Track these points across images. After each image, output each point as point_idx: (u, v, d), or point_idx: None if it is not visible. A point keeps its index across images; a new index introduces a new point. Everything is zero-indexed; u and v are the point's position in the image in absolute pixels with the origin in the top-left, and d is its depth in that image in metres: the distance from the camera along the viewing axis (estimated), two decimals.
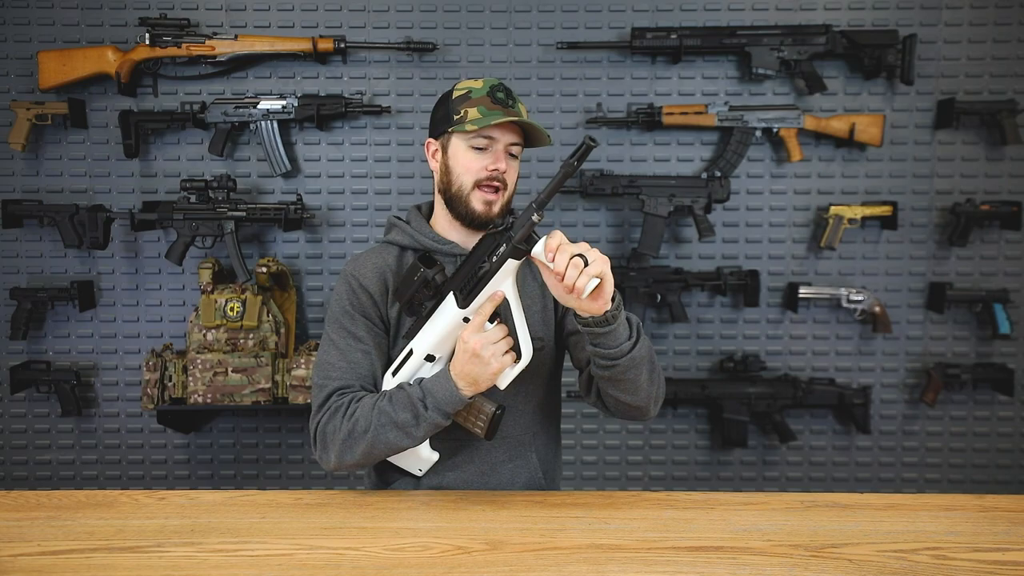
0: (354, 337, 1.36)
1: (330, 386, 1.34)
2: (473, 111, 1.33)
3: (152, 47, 2.37)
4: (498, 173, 1.34)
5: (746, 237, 2.54)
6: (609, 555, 1.09)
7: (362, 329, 1.37)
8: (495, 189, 1.35)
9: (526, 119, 1.33)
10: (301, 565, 1.06)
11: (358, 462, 1.31)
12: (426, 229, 1.43)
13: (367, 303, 1.38)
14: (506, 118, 1.31)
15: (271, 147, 2.42)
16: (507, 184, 1.37)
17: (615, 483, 2.61)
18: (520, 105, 1.37)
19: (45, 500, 1.29)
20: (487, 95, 1.34)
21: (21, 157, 2.48)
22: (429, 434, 1.29)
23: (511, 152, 1.36)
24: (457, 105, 1.35)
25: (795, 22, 2.43)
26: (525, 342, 1.24)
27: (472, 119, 1.32)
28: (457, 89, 1.38)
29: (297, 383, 2.35)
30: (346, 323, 1.37)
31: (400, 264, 1.42)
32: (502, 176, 1.35)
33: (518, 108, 1.36)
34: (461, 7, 2.46)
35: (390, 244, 1.44)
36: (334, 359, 1.36)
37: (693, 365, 2.58)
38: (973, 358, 2.55)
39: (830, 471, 2.60)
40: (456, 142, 1.36)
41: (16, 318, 2.45)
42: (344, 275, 1.41)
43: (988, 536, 1.16)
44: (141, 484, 2.58)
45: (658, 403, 1.38)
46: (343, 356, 1.35)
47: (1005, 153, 2.49)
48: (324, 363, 1.36)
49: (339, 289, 1.40)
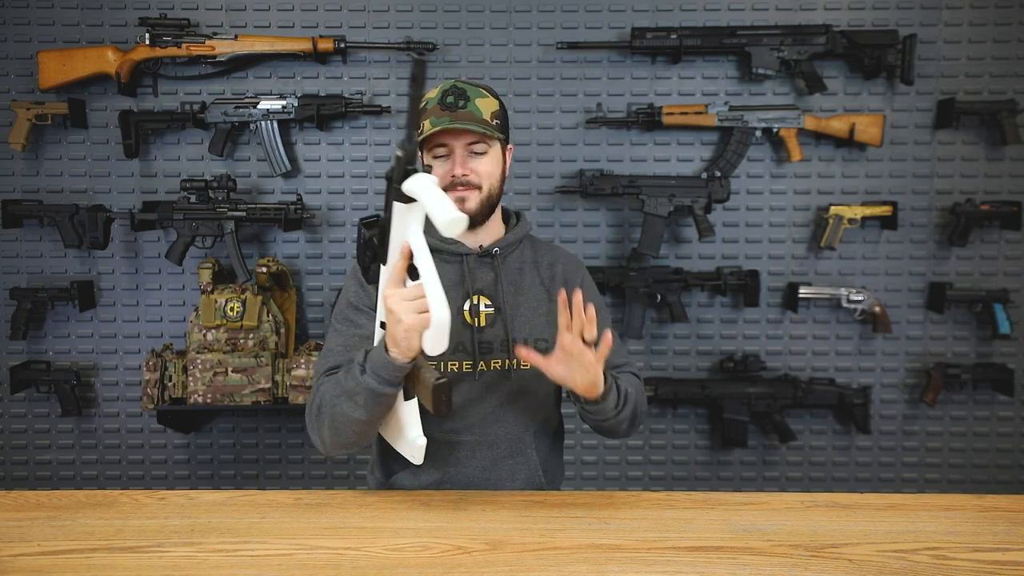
0: (355, 325, 1.37)
1: (323, 367, 1.35)
2: (427, 123, 1.35)
3: (152, 47, 2.37)
4: (457, 178, 1.36)
5: (746, 237, 2.54)
6: (609, 555, 1.09)
7: (364, 319, 1.37)
8: (463, 189, 1.37)
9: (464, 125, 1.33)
10: (301, 565, 1.06)
11: (336, 440, 1.28)
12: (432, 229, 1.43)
13: (373, 297, 1.38)
14: (441, 126, 1.32)
15: (271, 147, 2.42)
16: (476, 183, 1.37)
17: (615, 483, 2.60)
18: (479, 101, 1.37)
19: (45, 500, 1.29)
20: (438, 103, 1.35)
21: (21, 157, 2.48)
22: (376, 402, 1.21)
23: (474, 151, 1.37)
24: (421, 119, 1.37)
25: (795, 22, 2.43)
26: (435, 300, 1.10)
27: (426, 131, 1.35)
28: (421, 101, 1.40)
29: (297, 383, 2.35)
30: (350, 314, 1.39)
31: None
32: (464, 179, 1.36)
33: (471, 107, 1.35)
34: (461, 7, 2.46)
35: None
36: (333, 345, 1.37)
37: (693, 365, 2.58)
38: (973, 358, 2.55)
39: (830, 471, 2.60)
40: (426, 155, 1.40)
41: (16, 318, 2.45)
42: (353, 271, 1.42)
43: (988, 536, 1.16)
44: (141, 484, 2.58)
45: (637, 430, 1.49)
46: (342, 342, 1.37)
47: (1005, 153, 2.49)
48: (325, 351, 1.38)
49: (348, 283, 1.42)
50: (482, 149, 1.38)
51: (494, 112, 1.39)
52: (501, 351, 1.40)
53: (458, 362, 1.39)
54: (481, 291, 1.42)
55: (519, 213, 1.53)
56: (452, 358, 1.39)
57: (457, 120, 1.33)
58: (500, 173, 1.42)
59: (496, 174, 1.40)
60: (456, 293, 1.41)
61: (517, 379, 1.40)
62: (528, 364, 1.29)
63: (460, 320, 1.40)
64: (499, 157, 1.42)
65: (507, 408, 1.41)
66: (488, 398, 1.40)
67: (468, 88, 1.38)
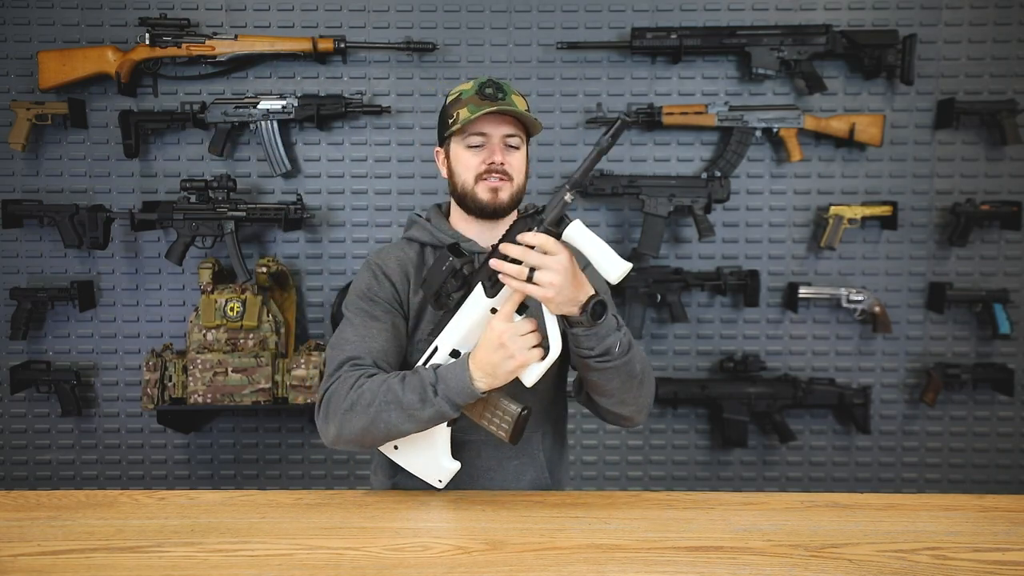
0: (371, 316, 1.36)
1: (343, 356, 1.32)
2: (464, 111, 1.35)
3: (152, 47, 2.37)
4: (496, 165, 1.36)
5: (746, 237, 2.54)
6: (609, 555, 1.09)
7: (380, 310, 1.37)
8: (498, 178, 1.36)
9: (513, 109, 1.33)
10: (301, 565, 1.06)
11: (356, 438, 1.26)
12: (445, 226, 1.44)
13: (388, 289, 1.39)
14: (489, 109, 1.32)
15: (271, 147, 2.42)
16: (510, 174, 1.37)
17: (615, 483, 2.60)
18: (514, 96, 1.37)
19: (45, 500, 1.29)
20: (476, 93, 1.35)
21: (21, 157, 2.48)
22: (433, 423, 1.23)
23: (510, 144, 1.37)
24: (451, 109, 1.38)
25: (795, 22, 2.43)
26: (554, 336, 1.18)
27: (462, 118, 1.34)
28: (451, 94, 1.41)
29: (297, 383, 2.35)
30: (364, 305, 1.38)
31: (421, 260, 1.43)
32: (501, 167, 1.36)
33: (510, 99, 1.36)
34: (461, 7, 2.46)
35: (411, 240, 1.46)
36: (349, 335, 1.35)
37: (693, 365, 2.58)
38: (973, 358, 2.55)
39: (830, 471, 2.60)
40: (455, 145, 1.39)
41: (16, 318, 2.45)
42: (368, 263, 1.42)
43: (988, 536, 1.16)
44: (141, 484, 2.58)
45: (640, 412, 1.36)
46: (357, 332, 1.35)
47: (1005, 153, 2.49)
48: (339, 340, 1.36)
49: (361, 275, 1.42)
50: (517, 143, 1.38)
51: (526, 109, 1.40)
52: None
53: None
54: None
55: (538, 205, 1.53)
56: None
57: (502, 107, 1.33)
58: (526, 171, 1.42)
59: (524, 171, 1.41)
60: None
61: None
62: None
63: None
64: (526, 157, 1.42)
65: None
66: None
67: (503, 83, 1.38)
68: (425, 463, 1.30)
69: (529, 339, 1.18)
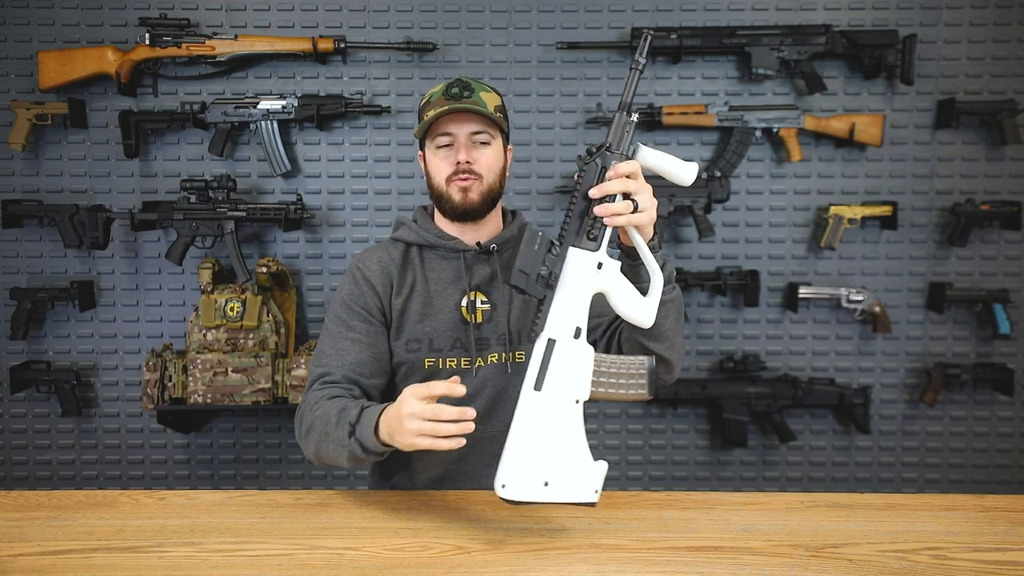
0: (347, 326, 1.39)
1: (316, 371, 1.37)
2: (430, 113, 1.36)
3: (152, 47, 2.37)
4: (461, 165, 1.37)
5: (746, 237, 2.54)
6: (609, 555, 1.09)
7: (356, 319, 1.39)
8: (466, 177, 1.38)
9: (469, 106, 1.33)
10: (301, 565, 1.06)
11: (321, 461, 1.30)
12: (431, 226, 1.47)
13: (369, 295, 1.41)
14: (442, 109, 1.33)
15: (271, 147, 2.42)
16: (478, 172, 1.38)
17: (615, 483, 2.60)
18: (483, 93, 1.38)
19: (45, 500, 1.29)
20: (442, 95, 1.37)
21: (21, 157, 2.48)
22: (359, 462, 1.21)
23: (480, 141, 1.38)
24: (422, 113, 1.40)
25: (795, 22, 2.43)
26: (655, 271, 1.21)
27: (427, 119, 1.36)
28: (423, 97, 1.43)
29: (297, 383, 2.35)
30: (342, 314, 1.40)
31: (405, 259, 1.45)
32: (468, 166, 1.37)
33: (476, 97, 1.36)
34: (461, 7, 2.46)
35: (397, 241, 1.48)
36: (325, 347, 1.39)
37: (693, 365, 2.58)
38: (973, 358, 2.55)
39: (830, 471, 2.60)
40: (428, 149, 1.41)
41: (16, 318, 2.45)
42: (350, 268, 1.45)
43: (988, 536, 1.16)
44: (141, 484, 2.58)
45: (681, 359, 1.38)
46: (334, 344, 1.38)
47: (1005, 153, 2.49)
48: (317, 351, 1.41)
49: (344, 282, 1.45)
50: (486, 139, 1.39)
51: (497, 106, 1.41)
52: (498, 346, 1.41)
53: (456, 358, 1.40)
54: (478, 287, 1.43)
55: (515, 212, 1.54)
56: (450, 355, 1.40)
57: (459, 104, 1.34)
58: (501, 168, 1.43)
59: (497, 168, 1.41)
60: (454, 289, 1.42)
61: (515, 373, 1.40)
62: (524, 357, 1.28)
63: (457, 316, 1.41)
64: (501, 151, 1.43)
65: (505, 403, 1.41)
66: (485, 393, 1.41)
67: (472, 82, 1.39)
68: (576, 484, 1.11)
69: (424, 427, 1.09)
